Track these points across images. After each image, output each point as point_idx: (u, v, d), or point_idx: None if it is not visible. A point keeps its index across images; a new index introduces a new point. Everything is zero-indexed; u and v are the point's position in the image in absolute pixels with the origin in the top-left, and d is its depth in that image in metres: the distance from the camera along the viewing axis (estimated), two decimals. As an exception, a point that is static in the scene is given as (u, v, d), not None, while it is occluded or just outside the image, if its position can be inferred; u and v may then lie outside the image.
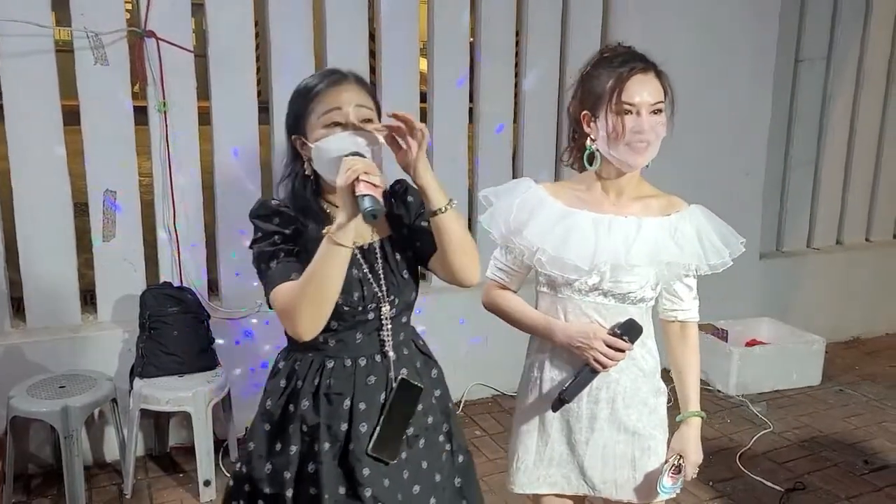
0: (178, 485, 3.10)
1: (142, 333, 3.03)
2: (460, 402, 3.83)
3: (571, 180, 1.83)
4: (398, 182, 1.72)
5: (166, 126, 3.17)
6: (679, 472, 1.76)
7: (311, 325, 1.46)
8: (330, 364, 1.57)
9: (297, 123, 1.57)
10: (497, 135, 3.86)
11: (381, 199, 1.38)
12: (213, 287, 3.52)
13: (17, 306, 3.23)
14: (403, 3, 3.53)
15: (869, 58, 4.83)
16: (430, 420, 1.68)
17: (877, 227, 5.19)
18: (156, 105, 3.14)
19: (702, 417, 1.81)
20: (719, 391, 4.08)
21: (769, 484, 3.18)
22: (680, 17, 4.01)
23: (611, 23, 3.98)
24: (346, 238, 1.40)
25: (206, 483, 2.93)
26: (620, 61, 1.66)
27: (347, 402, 1.56)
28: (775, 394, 4.10)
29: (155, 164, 3.22)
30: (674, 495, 1.78)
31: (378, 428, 1.57)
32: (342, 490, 1.55)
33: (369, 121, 1.52)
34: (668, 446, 1.81)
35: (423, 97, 3.68)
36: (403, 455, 1.61)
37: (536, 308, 1.80)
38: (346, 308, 1.53)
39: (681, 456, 1.77)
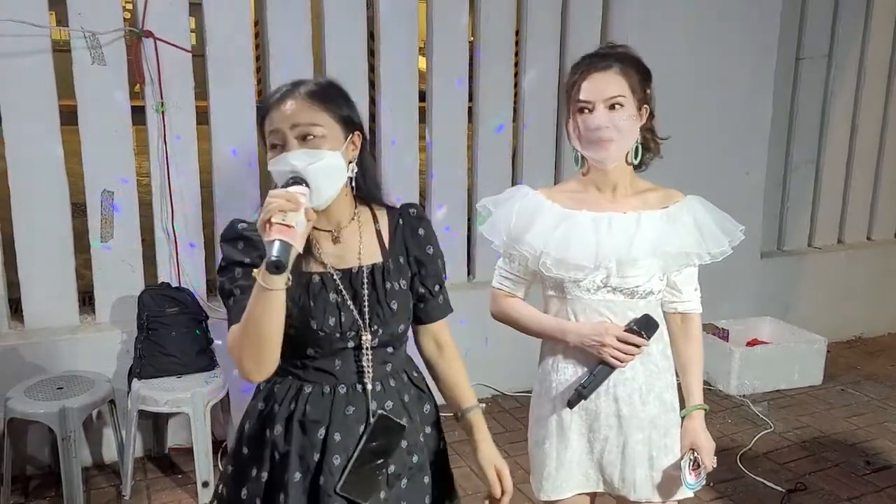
0: (177, 486, 3.09)
1: (140, 334, 3.02)
2: (460, 402, 3.81)
3: (568, 183, 1.85)
4: (412, 206, 1.61)
5: (164, 126, 3.16)
6: (698, 466, 1.76)
7: (254, 368, 1.38)
8: (308, 389, 1.48)
9: (263, 141, 1.49)
10: (496, 134, 3.84)
11: (295, 241, 1.28)
12: (211, 287, 3.51)
13: (15, 307, 3.23)
14: (403, 3, 3.52)
15: (870, 56, 4.81)
16: (415, 459, 1.56)
17: (878, 225, 5.17)
18: (154, 105, 3.13)
19: (705, 410, 1.81)
20: (720, 391, 4.07)
21: (770, 484, 3.16)
22: (680, 16, 4.00)
23: (610, 22, 3.97)
24: (274, 281, 1.29)
25: (205, 484, 2.92)
26: (582, 61, 1.70)
27: (322, 432, 1.46)
28: (776, 394, 4.09)
29: (153, 165, 3.21)
30: (699, 488, 1.78)
31: (349, 464, 1.46)
32: None
33: (318, 138, 1.40)
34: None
35: (423, 96, 3.67)
36: (382, 495, 1.49)
37: (546, 312, 1.80)
38: (321, 334, 1.44)
39: (693, 450, 1.77)
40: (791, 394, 4.10)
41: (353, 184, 1.49)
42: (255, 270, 1.32)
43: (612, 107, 1.65)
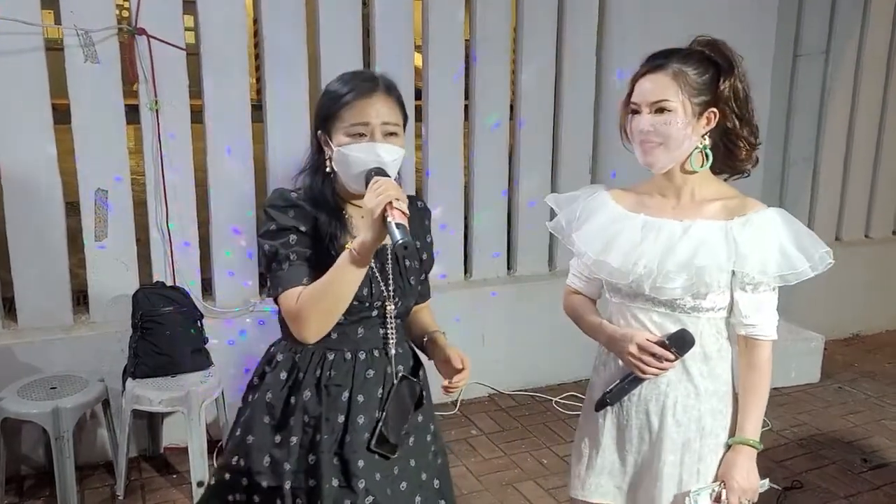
0: (172, 486, 3.08)
1: (134, 333, 3.01)
2: (457, 401, 3.81)
3: (641, 184, 1.75)
4: (418, 198, 1.80)
5: (158, 124, 3.14)
6: (719, 500, 1.63)
7: (318, 332, 1.52)
8: (331, 356, 1.61)
9: (324, 123, 1.59)
10: (493, 132, 3.83)
11: (408, 227, 1.41)
12: (206, 286, 3.50)
13: (9, 306, 3.21)
14: (398, 0, 3.50)
15: (867, 52, 4.80)
16: (420, 419, 1.72)
17: (876, 223, 5.16)
18: (148, 103, 3.12)
19: (755, 448, 1.64)
20: (717, 389, 4.06)
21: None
22: (677, 12, 3.98)
23: (607, 18, 3.96)
24: (367, 257, 1.45)
25: (200, 484, 2.90)
26: (647, 59, 1.63)
27: (346, 395, 1.59)
28: (774, 392, 4.04)
29: (147, 163, 3.20)
30: None
31: (381, 423, 1.60)
32: (335, 482, 1.57)
33: (394, 135, 1.57)
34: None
35: (419, 94, 3.66)
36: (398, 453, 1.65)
37: (605, 316, 1.76)
38: (355, 303, 1.55)
39: (723, 482, 1.64)
40: (788, 391, 4.10)
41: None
42: (350, 242, 1.46)
43: (658, 111, 1.57)
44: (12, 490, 3.00)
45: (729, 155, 1.66)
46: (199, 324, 3.10)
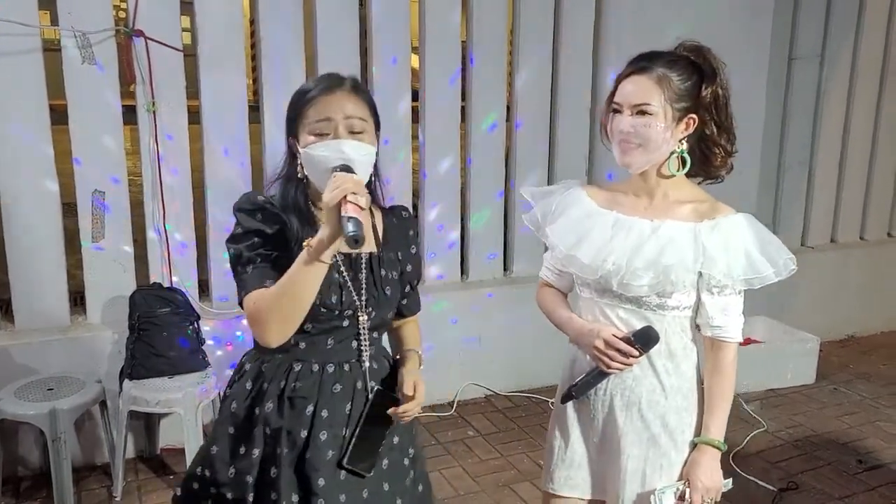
0: (169, 487, 3.07)
1: (131, 335, 3.01)
2: (453, 402, 3.81)
3: (617, 183, 1.80)
4: (403, 208, 1.72)
5: (156, 126, 3.14)
6: (683, 499, 1.66)
7: (279, 334, 1.46)
8: (297, 367, 1.56)
9: (291, 126, 1.56)
10: (490, 134, 3.84)
11: (364, 222, 1.35)
12: (203, 287, 3.50)
13: (5, 308, 3.21)
14: (395, 1, 3.51)
15: (863, 56, 4.82)
16: (395, 440, 1.64)
17: (871, 225, 5.18)
18: (145, 104, 3.12)
19: (719, 448, 1.68)
20: (713, 390, 4.07)
21: (763, 483, 3.17)
22: (673, 15, 3.99)
23: (603, 21, 3.97)
24: (326, 254, 1.39)
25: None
26: (632, 59, 1.65)
27: (310, 408, 1.54)
28: (769, 393, 4.09)
29: (144, 164, 3.20)
30: None
31: (354, 438, 1.54)
32: (295, 498, 1.52)
33: (361, 132, 1.50)
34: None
35: (416, 95, 3.67)
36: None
37: (574, 309, 1.79)
38: (322, 310, 1.51)
39: (688, 481, 1.66)
40: (784, 393, 4.11)
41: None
42: (305, 241, 1.40)
43: (639, 113, 1.59)
44: (9, 491, 2.99)
45: (704, 160, 1.70)
46: (195, 325, 3.10)
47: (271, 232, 1.50)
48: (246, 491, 1.54)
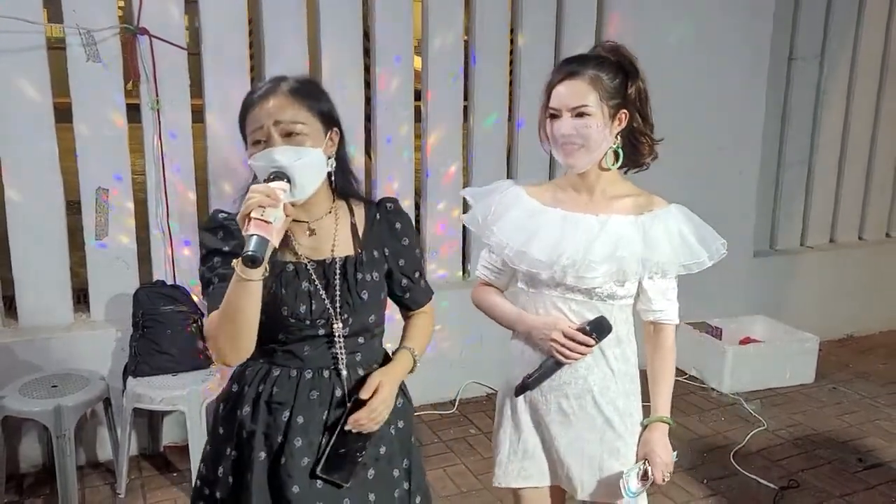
0: (172, 484, 3.09)
1: (135, 332, 3.02)
2: (455, 400, 3.83)
3: (554, 181, 1.88)
4: (389, 200, 1.67)
5: (159, 124, 3.15)
6: (646, 476, 1.73)
7: (233, 354, 1.44)
8: (276, 372, 1.54)
9: (243, 136, 1.53)
10: (492, 133, 3.85)
11: (271, 236, 1.32)
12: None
13: (9, 305, 3.21)
14: (398, 1, 3.52)
15: (862, 56, 4.85)
16: (382, 451, 1.60)
17: (870, 225, 5.21)
18: (149, 102, 3.13)
19: (668, 424, 1.78)
20: (713, 389, 4.08)
21: (763, 482, 3.18)
22: (674, 15, 4.01)
23: (605, 20, 3.98)
24: (250, 272, 1.34)
25: (200, 482, 2.91)
26: (560, 66, 1.73)
27: (287, 414, 1.52)
28: (769, 392, 4.11)
29: (148, 162, 3.21)
30: (639, 496, 1.75)
31: (329, 447, 1.50)
32: None
33: (299, 135, 1.44)
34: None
35: (418, 95, 3.68)
36: (350, 483, 1.54)
37: (515, 304, 1.84)
38: (291, 321, 1.49)
39: (647, 461, 1.74)
40: (783, 392, 4.13)
41: (332, 179, 1.55)
42: (234, 260, 1.36)
43: (578, 115, 1.66)
44: (12, 488, 3.00)
45: (633, 150, 1.77)
46: (199, 323, 3.11)
47: (228, 249, 1.47)
48: (230, 491, 1.55)
